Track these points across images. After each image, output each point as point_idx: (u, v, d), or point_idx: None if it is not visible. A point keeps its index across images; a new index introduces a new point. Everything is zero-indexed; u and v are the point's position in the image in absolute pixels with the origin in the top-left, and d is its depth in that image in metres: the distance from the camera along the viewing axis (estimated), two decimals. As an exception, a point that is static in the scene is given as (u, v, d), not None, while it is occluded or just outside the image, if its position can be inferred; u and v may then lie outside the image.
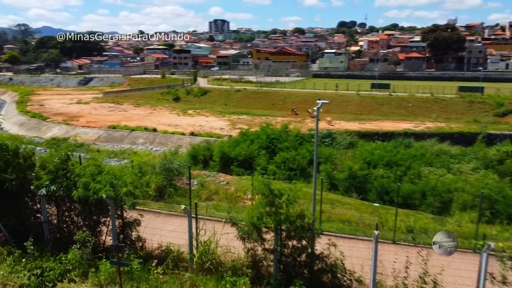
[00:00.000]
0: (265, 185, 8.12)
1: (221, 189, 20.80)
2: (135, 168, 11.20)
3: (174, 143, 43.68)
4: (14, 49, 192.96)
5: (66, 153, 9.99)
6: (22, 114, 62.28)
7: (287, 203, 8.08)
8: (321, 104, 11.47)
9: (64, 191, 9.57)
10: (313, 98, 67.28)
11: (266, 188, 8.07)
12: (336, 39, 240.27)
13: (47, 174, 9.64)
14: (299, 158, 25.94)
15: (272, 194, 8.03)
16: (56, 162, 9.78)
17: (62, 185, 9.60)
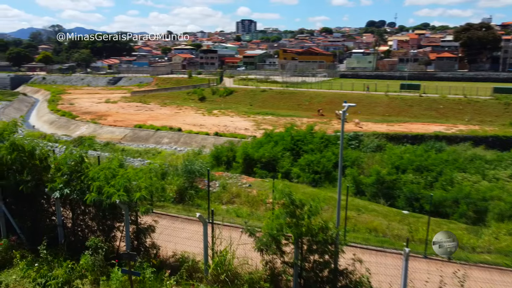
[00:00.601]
0: (286, 194, 7.51)
1: (243, 192, 20.29)
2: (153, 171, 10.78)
3: (198, 143, 43.61)
4: (48, 49, 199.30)
5: (81, 155, 9.68)
6: (52, 113, 63.83)
7: (309, 214, 7.45)
8: (347, 107, 10.75)
9: (77, 194, 9.27)
10: (340, 99, 65.95)
11: (287, 197, 7.46)
12: (365, 39, 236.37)
13: (61, 177, 9.38)
14: (324, 161, 25.12)
15: (293, 205, 7.42)
16: (71, 165, 9.50)
17: (76, 188, 9.30)
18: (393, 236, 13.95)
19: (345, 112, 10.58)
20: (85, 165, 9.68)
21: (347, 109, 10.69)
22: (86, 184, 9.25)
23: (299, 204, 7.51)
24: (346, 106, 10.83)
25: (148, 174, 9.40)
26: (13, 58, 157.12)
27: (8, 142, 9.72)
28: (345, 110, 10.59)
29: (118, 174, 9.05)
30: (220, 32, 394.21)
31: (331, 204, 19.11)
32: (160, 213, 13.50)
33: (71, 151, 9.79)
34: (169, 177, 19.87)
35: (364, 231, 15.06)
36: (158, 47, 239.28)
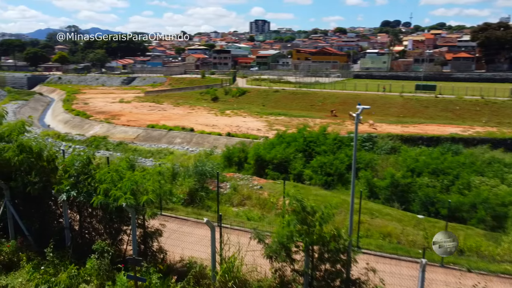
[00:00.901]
0: (297, 200, 7.20)
1: (254, 194, 20.02)
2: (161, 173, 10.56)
3: (210, 143, 43.49)
4: (64, 49, 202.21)
5: (88, 157, 9.53)
6: (67, 112, 64.53)
7: (320, 222, 7.13)
8: (361, 109, 10.38)
9: (84, 196, 9.11)
10: (354, 99, 65.20)
11: (298, 204, 7.15)
12: (379, 39, 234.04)
13: (68, 179, 9.24)
14: (337, 163, 24.70)
15: (305, 211, 7.11)
16: (78, 167, 9.36)
17: (83, 190, 9.15)
18: (408, 242, 13.50)
19: (359, 114, 10.21)
20: (92, 166, 9.52)
21: (361, 111, 10.32)
22: (93, 187, 9.08)
23: (310, 211, 7.20)
24: (360, 109, 10.45)
25: (155, 177, 9.18)
26: (30, 58, 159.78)
27: (16, 143, 9.63)
28: (359, 112, 10.23)
29: (125, 176, 8.85)
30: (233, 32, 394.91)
31: (344, 208, 18.71)
32: (169, 215, 13.30)
33: (79, 153, 9.63)
34: (180, 178, 19.72)
35: (377, 236, 14.64)
36: (172, 47, 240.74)
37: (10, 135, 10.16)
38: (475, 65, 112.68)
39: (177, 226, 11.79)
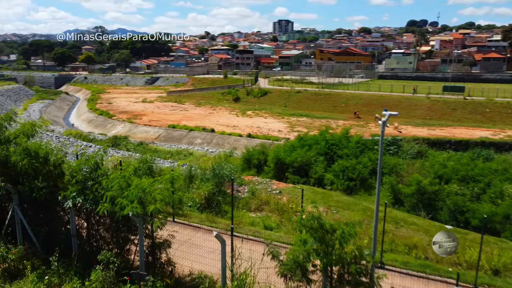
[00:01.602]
0: (314, 218, 6.49)
1: (273, 199, 19.34)
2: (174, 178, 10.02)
3: (230, 144, 43.08)
4: (90, 49, 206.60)
5: (96, 162, 9.08)
6: (91, 112, 65.44)
7: (341, 241, 6.41)
8: (388, 116, 9.56)
9: (91, 204, 8.67)
10: (378, 101, 63.67)
11: (316, 221, 6.45)
12: (405, 39, 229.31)
13: (74, 185, 8.82)
14: (360, 167, 23.73)
15: (323, 229, 6.41)
16: (85, 172, 8.93)
17: (89, 197, 8.71)
18: (436, 256, 12.54)
19: (385, 122, 9.40)
20: (100, 172, 9.06)
21: (388, 118, 9.50)
22: (100, 194, 8.61)
23: (329, 229, 6.48)
24: (386, 115, 9.63)
25: (165, 184, 8.64)
26: (58, 58, 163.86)
27: (21, 147, 9.29)
28: (385, 119, 9.42)
29: (132, 183, 8.35)
30: (256, 32, 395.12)
31: (367, 215, 17.83)
32: (182, 222, 12.80)
33: (86, 158, 9.20)
34: (197, 182, 19.26)
35: (402, 249, 13.73)
36: (196, 48, 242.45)
37: (15, 139, 9.83)
38: (506, 65, 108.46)
39: (189, 235, 11.24)
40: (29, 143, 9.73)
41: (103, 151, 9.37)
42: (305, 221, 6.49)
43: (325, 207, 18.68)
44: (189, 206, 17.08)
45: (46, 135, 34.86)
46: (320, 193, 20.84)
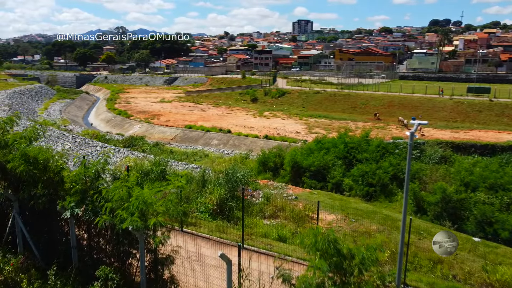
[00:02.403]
0: (329, 242, 5.72)
1: (288, 205, 18.57)
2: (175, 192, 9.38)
3: (247, 146, 42.46)
4: (111, 49, 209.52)
5: (97, 171, 8.51)
6: (109, 111, 65.84)
7: (360, 268, 5.64)
8: (417, 125, 8.67)
9: (89, 215, 8.10)
10: (399, 102, 62.02)
11: (331, 245, 5.68)
12: (427, 39, 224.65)
13: (73, 195, 8.27)
14: (380, 172, 22.74)
15: (340, 255, 5.64)
16: (85, 181, 8.37)
17: (89, 208, 8.15)
18: (464, 273, 11.58)
19: (414, 133, 8.51)
20: (100, 182, 8.49)
21: (417, 128, 8.62)
22: (100, 204, 8.03)
23: (347, 254, 5.70)
24: (415, 125, 8.74)
25: (170, 195, 8.00)
26: (79, 58, 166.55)
27: (18, 152, 8.80)
28: (413, 130, 8.52)
29: (133, 194, 7.73)
30: (276, 32, 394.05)
31: (387, 225, 16.88)
32: (190, 232, 12.17)
33: (87, 165, 8.64)
34: (210, 186, 18.64)
35: (426, 264, 12.78)
36: (215, 48, 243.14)
37: (13, 143, 9.35)
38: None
39: (196, 246, 10.59)
40: (31, 147, 9.22)
41: (104, 159, 8.78)
42: (319, 245, 5.73)
43: (343, 215, 17.82)
44: (201, 212, 16.49)
45: (63, 134, 34.93)
46: (338, 199, 19.98)
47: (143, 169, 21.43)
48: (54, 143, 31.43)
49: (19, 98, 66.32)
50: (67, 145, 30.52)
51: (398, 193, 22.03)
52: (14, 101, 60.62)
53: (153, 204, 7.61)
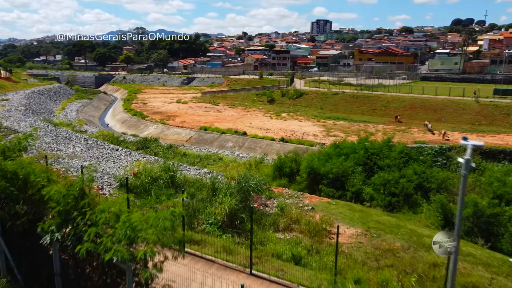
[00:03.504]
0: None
1: (304, 216, 17.27)
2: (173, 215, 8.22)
3: (262, 149, 41.25)
4: (131, 50, 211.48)
5: (81, 189, 7.42)
6: (125, 112, 65.56)
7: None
8: (470, 148, 7.31)
9: (72, 241, 7.02)
10: (421, 104, 59.81)
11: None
12: (450, 38, 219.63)
13: (53, 218, 7.21)
14: (404, 181, 21.19)
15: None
16: (67, 201, 7.29)
17: (71, 232, 7.07)
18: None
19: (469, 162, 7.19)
20: (84, 201, 7.38)
21: (472, 150, 7.25)
22: (83, 229, 6.93)
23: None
24: (469, 147, 7.35)
25: (163, 220, 6.83)
26: (99, 58, 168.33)
27: (-6, 166, 7.78)
28: (468, 158, 7.19)
29: (121, 218, 6.60)
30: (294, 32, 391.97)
31: (413, 241, 15.39)
32: (193, 253, 11.00)
33: (71, 183, 7.55)
34: (220, 195, 17.51)
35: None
36: (233, 48, 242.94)
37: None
38: None
39: (199, 272, 9.41)
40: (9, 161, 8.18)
41: (90, 174, 7.68)
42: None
43: (363, 229, 16.42)
44: (210, 224, 15.37)
45: (75, 136, 34.36)
46: (358, 210, 18.56)
47: (152, 175, 20.49)
48: (66, 145, 30.84)
49: (37, 98, 66.70)
50: (78, 147, 29.86)
51: (423, 204, 20.46)
52: (31, 101, 60.88)
53: (143, 230, 6.45)
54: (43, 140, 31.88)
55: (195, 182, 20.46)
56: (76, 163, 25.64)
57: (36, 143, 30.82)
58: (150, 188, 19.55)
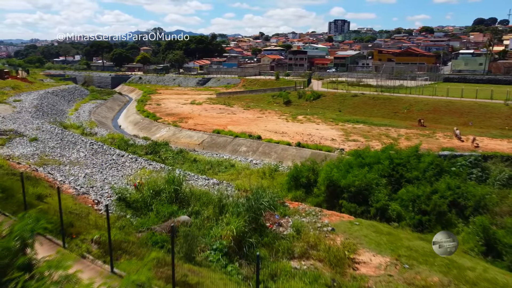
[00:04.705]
0: None
1: (323, 240, 15.09)
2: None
3: (278, 154, 39.07)
4: (148, 50, 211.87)
5: (22, 239, 5.40)
6: (138, 113, 64.22)
7: None
8: None
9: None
10: (446, 107, 56.68)
11: None
12: (472, 38, 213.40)
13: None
14: (436, 197, 18.76)
15: None
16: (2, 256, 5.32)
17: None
18: None
19: None
20: (31, 255, 5.36)
21: None
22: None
23: None
24: None
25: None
26: (116, 58, 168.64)
27: None
28: None
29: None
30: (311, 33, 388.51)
31: (453, 275, 13.00)
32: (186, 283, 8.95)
33: (10, 230, 5.53)
34: (228, 214, 15.47)
35: None
36: (249, 48, 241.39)
37: None
38: None
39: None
40: None
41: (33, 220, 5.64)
42: None
43: (392, 257, 14.11)
44: (214, 250, 13.32)
45: (81, 140, 32.83)
46: (386, 233, 16.23)
47: (155, 188, 18.57)
48: (70, 150, 29.27)
49: (50, 99, 65.95)
50: (82, 153, 28.24)
51: (458, 225, 18.00)
52: (44, 102, 60.03)
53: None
54: (47, 145, 30.40)
55: (202, 195, 18.48)
56: (77, 171, 23.97)
57: (40, 148, 29.40)
58: (152, 202, 17.65)
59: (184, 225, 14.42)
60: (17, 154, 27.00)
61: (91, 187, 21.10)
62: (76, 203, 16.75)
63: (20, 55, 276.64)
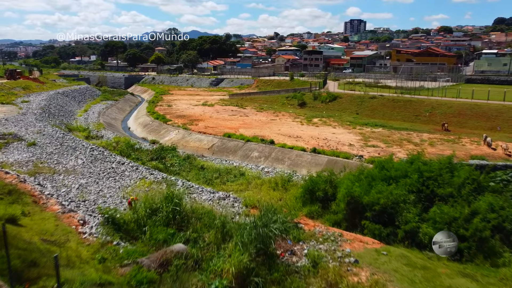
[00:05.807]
0: None
1: (345, 276, 12.54)
2: None
3: (291, 160, 36.53)
4: (162, 50, 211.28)
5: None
6: (148, 115, 62.38)
7: None
8: None
9: None
10: (471, 110, 53.23)
11: None
12: (494, 38, 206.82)
13: None
14: (477, 221, 15.96)
15: None
16: None
17: None
18: None
19: None
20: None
21: None
22: None
23: None
24: None
25: None
26: (130, 59, 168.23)
27: None
28: None
29: None
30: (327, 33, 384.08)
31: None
32: None
33: None
34: (231, 243, 13.03)
35: None
36: (264, 49, 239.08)
37: None
38: None
39: None
40: None
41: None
42: None
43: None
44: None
45: (81, 145, 30.83)
46: (420, 266, 13.54)
47: (151, 206, 16.24)
48: (68, 156, 27.26)
49: (59, 100, 64.63)
50: (80, 160, 26.19)
51: (504, 254, 15.21)
52: (52, 103, 58.63)
53: None
54: (44, 150, 28.47)
55: (204, 214, 16.10)
56: (71, 181, 21.87)
57: (37, 154, 27.50)
58: (147, 223, 15.35)
59: (178, 257, 12.06)
60: (10, 161, 25.11)
61: (83, 201, 18.95)
62: (59, 224, 14.55)
63: (38, 55, 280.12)
